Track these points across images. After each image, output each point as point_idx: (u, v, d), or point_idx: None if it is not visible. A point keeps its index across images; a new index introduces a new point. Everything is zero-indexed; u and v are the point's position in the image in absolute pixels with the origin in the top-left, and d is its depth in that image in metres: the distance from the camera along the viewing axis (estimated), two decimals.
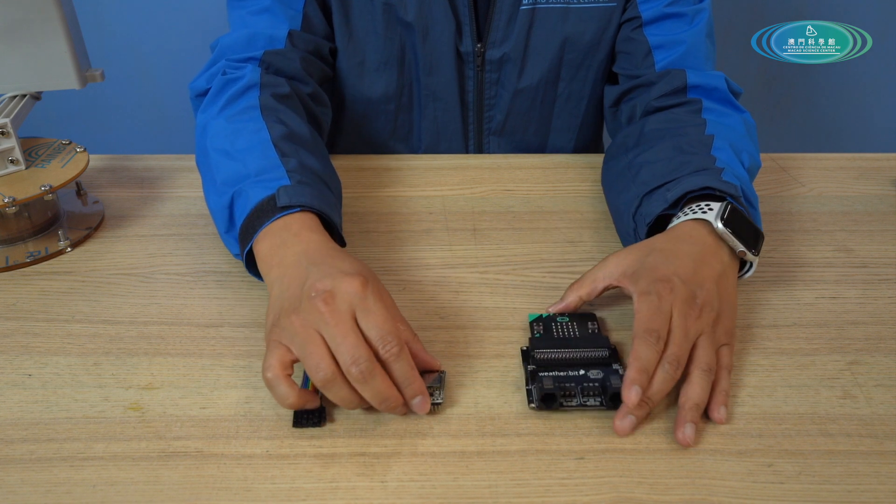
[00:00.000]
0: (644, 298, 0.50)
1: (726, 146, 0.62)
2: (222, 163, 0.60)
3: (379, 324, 0.46)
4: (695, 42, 0.72)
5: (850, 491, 0.43)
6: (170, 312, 0.57)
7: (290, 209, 0.53)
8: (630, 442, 0.46)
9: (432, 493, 0.43)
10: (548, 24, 0.75)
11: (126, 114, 1.51)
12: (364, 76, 0.79)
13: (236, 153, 0.59)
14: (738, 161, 0.62)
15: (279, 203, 0.53)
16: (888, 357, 0.53)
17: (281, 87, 0.67)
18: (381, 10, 0.75)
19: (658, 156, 0.63)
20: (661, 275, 0.51)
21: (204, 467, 0.44)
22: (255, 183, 0.56)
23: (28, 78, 0.67)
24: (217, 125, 0.63)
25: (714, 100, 0.70)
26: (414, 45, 0.77)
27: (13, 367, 0.51)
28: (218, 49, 0.72)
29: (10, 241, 0.64)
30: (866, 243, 0.66)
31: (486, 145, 0.84)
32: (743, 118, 0.69)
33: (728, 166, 0.60)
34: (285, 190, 0.54)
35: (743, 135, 0.67)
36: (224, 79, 0.67)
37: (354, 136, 0.85)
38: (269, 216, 0.53)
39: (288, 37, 0.72)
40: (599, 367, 0.50)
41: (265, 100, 0.65)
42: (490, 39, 0.76)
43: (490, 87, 0.79)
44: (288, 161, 0.58)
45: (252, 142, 0.60)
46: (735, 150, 0.63)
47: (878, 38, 0.87)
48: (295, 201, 0.54)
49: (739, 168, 0.61)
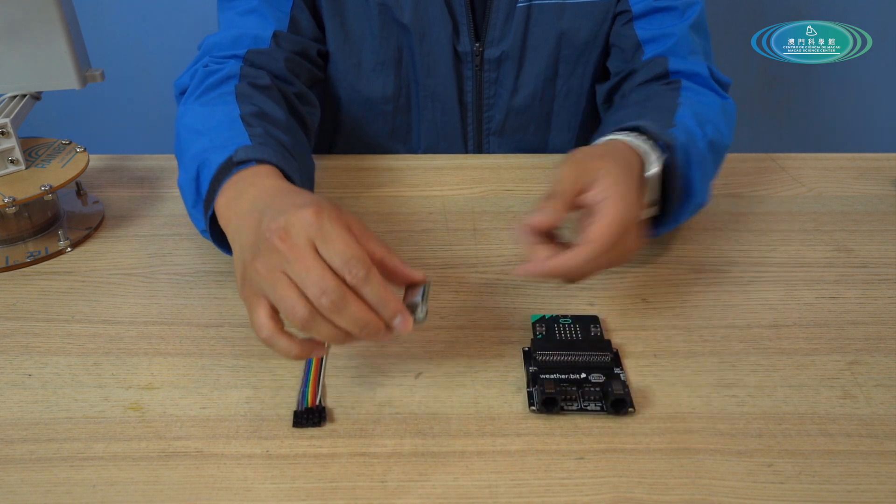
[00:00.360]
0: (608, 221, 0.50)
1: (690, 114, 0.62)
2: (191, 140, 0.59)
3: (339, 249, 0.42)
4: (683, 35, 0.73)
5: (850, 491, 0.43)
6: (170, 312, 0.57)
7: (247, 163, 0.52)
8: (630, 442, 0.46)
9: (432, 493, 0.43)
10: (544, 20, 0.75)
11: (126, 114, 1.51)
12: (361, 77, 0.79)
13: (206, 130, 0.59)
14: (699, 129, 0.61)
15: (235, 159, 0.52)
16: (888, 357, 0.53)
17: (261, 78, 0.67)
18: (377, 11, 0.75)
19: (620, 112, 0.67)
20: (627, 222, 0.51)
21: (204, 467, 0.44)
22: (218, 149, 0.55)
23: (28, 78, 0.67)
24: (192, 109, 0.63)
25: (694, 82, 0.71)
26: (411, 46, 0.77)
27: (13, 367, 0.51)
28: (203, 47, 0.73)
29: (10, 241, 0.64)
30: (866, 243, 0.66)
31: (486, 145, 0.84)
32: (722, 102, 0.70)
33: (684, 126, 0.60)
34: (244, 149, 0.53)
35: (716, 112, 0.67)
36: (205, 71, 0.67)
37: (353, 137, 0.85)
38: (228, 172, 0.52)
39: (273, 37, 0.72)
40: (601, 372, 0.50)
41: (241, 87, 0.64)
42: (488, 38, 0.76)
43: (489, 86, 0.79)
44: (253, 129, 0.57)
45: (222, 119, 0.59)
46: (699, 119, 0.62)
47: (878, 38, 0.87)
48: (252, 156, 0.52)
49: (696, 134, 0.61)
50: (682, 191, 0.57)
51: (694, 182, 0.59)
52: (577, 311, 0.57)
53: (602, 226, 0.49)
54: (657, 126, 0.57)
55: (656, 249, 0.65)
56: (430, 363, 0.52)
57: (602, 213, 0.50)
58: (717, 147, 0.64)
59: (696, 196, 0.59)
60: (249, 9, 0.73)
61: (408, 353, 0.53)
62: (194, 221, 0.59)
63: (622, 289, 0.60)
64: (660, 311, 0.57)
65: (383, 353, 0.53)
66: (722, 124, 0.66)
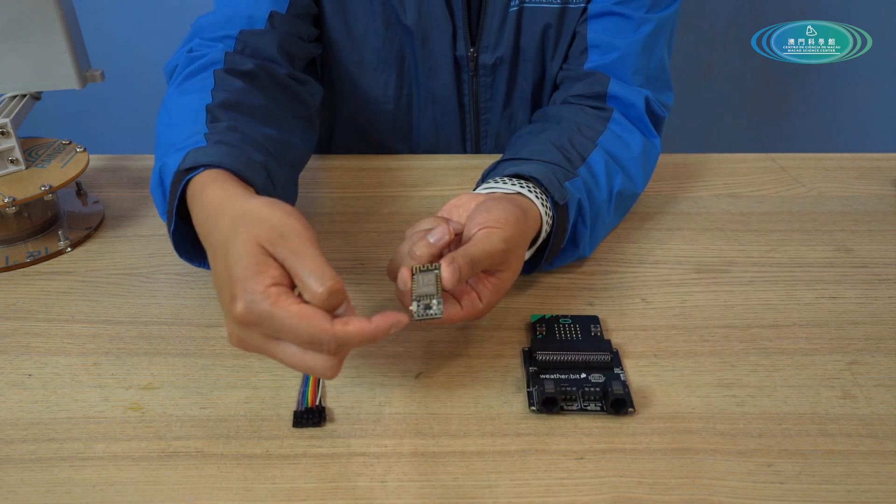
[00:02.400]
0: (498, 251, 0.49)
1: (602, 161, 0.62)
2: (162, 133, 0.57)
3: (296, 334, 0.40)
4: (629, 52, 0.70)
5: (850, 491, 0.43)
6: (170, 312, 0.57)
7: (196, 169, 0.49)
8: (630, 442, 0.46)
9: (432, 493, 0.43)
10: (534, 24, 0.75)
11: (126, 114, 1.51)
12: (363, 75, 0.79)
13: (173, 123, 0.56)
14: (605, 180, 0.62)
15: (183, 166, 0.49)
16: (888, 357, 0.53)
17: (243, 64, 0.64)
18: (380, 11, 0.75)
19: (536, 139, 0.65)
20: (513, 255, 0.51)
21: (204, 467, 0.44)
22: (175, 151, 0.52)
23: (28, 78, 0.67)
24: (169, 97, 0.61)
25: (627, 116, 0.69)
26: (413, 48, 0.77)
27: (13, 367, 0.51)
28: (194, 27, 0.70)
29: (10, 241, 0.64)
30: (866, 243, 0.66)
31: (484, 145, 0.84)
32: (646, 142, 0.68)
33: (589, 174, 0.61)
34: (194, 152, 0.50)
35: (634, 157, 0.66)
36: (189, 56, 0.65)
37: (352, 134, 0.85)
38: (178, 185, 0.49)
39: (269, 18, 0.69)
40: (601, 371, 0.50)
41: (220, 74, 0.62)
42: (483, 44, 0.76)
43: (485, 90, 0.80)
44: (215, 125, 0.54)
45: (189, 110, 0.56)
46: (610, 168, 0.63)
47: (878, 38, 0.87)
48: (200, 160, 0.49)
49: (600, 185, 0.61)
50: (569, 242, 0.58)
51: (580, 236, 0.59)
52: (577, 311, 0.57)
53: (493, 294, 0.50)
54: (557, 183, 0.56)
55: (656, 249, 0.65)
56: (430, 363, 0.52)
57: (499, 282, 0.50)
58: (624, 196, 0.64)
59: (580, 248, 0.60)
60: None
61: (408, 353, 0.53)
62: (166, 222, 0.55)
63: (622, 289, 0.60)
64: (660, 311, 0.57)
65: (383, 353, 0.53)
66: (637, 171, 0.66)
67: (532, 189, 0.55)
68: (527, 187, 0.55)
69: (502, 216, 0.50)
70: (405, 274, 0.47)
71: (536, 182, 0.56)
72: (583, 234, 0.59)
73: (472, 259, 0.47)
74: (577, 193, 0.58)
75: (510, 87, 0.79)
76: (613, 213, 0.64)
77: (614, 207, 0.63)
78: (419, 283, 0.46)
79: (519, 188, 0.55)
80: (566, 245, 0.59)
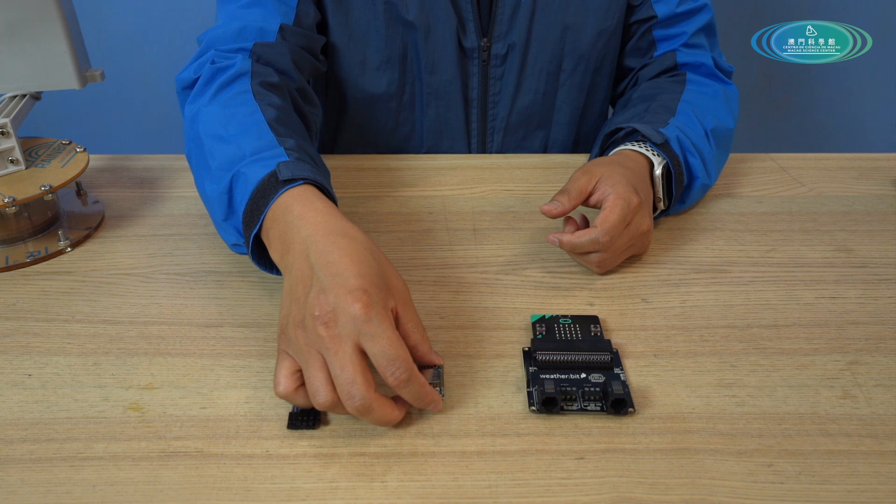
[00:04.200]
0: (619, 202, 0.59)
1: (689, 109, 0.71)
2: (217, 148, 0.58)
3: (385, 349, 0.43)
4: (690, 32, 0.79)
5: (850, 491, 0.43)
6: (170, 312, 0.57)
7: (294, 182, 0.51)
8: (630, 442, 0.46)
9: (432, 493, 0.43)
10: (549, 13, 0.76)
11: (126, 114, 1.51)
12: (365, 74, 0.79)
13: (231, 137, 0.57)
14: (697, 121, 0.70)
15: (281, 177, 0.52)
16: (888, 357, 0.53)
17: (270, 76, 0.66)
18: (383, 10, 0.75)
19: (626, 112, 0.75)
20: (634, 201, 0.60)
21: (204, 467, 0.44)
22: (253, 162, 0.54)
23: (28, 78, 0.67)
24: (209, 111, 0.61)
25: (699, 73, 0.78)
26: (416, 43, 0.77)
27: (13, 367, 0.51)
28: (206, 41, 0.71)
29: (10, 241, 0.64)
30: (866, 243, 0.66)
31: (490, 142, 0.84)
32: (724, 88, 0.77)
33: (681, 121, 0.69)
34: (286, 165, 0.53)
35: (717, 101, 0.75)
36: (214, 67, 0.66)
37: (356, 135, 0.85)
38: (274, 193, 0.51)
39: (279, 31, 0.71)
40: (601, 371, 0.50)
41: (256, 87, 0.63)
42: (495, 33, 0.76)
43: (494, 82, 0.80)
44: (285, 140, 0.56)
45: (246, 124, 0.58)
46: (697, 112, 0.71)
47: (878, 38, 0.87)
48: (297, 174, 0.52)
49: (693, 125, 0.70)
50: (685, 175, 0.67)
51: (693, 167, 0.67)
52: (577, 311, 0.57)
53: (608, 212, 0.58)
54: (651, 128, 0.67)
55: (656, 249, 0.65)
56: None
57: (607, 203, 0.59)
58: (719, 133, 0.72)
59: (699, 178, 0.68)
60: (253, 1, 0.71)
61: None
62: (223, 234, 0.58)
63: (622, 289, 0.60)
64: (660, 311, 0.57)
65: None
66: (722, 111, 0.74)
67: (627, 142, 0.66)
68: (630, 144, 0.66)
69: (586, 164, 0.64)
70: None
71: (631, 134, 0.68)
72: (695, 164, 0.68)
73: (562, 190, 0.61)
74: (674, 133, 0.67)
75: (520, 77, 0.80)
76: (716, 147, 0.71)
77: (714, 143, 0.70)
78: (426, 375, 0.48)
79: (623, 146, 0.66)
80: (687, 179, 0.67)
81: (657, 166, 0.64)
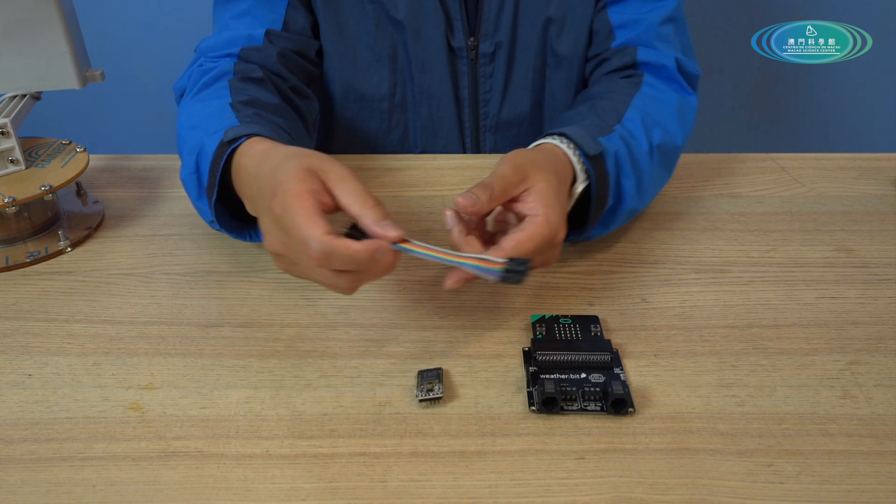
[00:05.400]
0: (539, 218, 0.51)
1: (638, 117, 0.64)
2: (187, 135, 0.61)
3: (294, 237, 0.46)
4: (654, 22, 0.73)
5: (850, 491, 0.43)
6: (170, 312, 0.57)
7: (238, 140, 0.54)
8: (630, 442, 0.46)
9: (432, 493, 0.43)
10: (532, 9, 0.75)
11: (126, 114, 1.51)
12: (356, 74, 0.80)
13: (198, 123, 0.61)
14: (643, 134, 0.63)
15: (226, 139, 0.55)
16: (888, 357, 0.53)
17: (253, 72, 0.68)
18: (371, 8, 0.75)
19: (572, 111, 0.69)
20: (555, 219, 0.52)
21: (204, 467, 0.44)
22: (210, 136, 0.57)
23: (28, 78, 0.67)
24: (187, 107, 0.66)
25: (658, 76, 0.71)
26: (405, 42, 0.77)
27: (13, 367, 0.51)
28: (198, 51, 0.74)
29: (10, 241, 0.64)
30: (866, 243, 0.66)
31: (483, 141, 0.84)
32: (681, 99, 0.70)
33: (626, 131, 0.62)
34: (233, 128, 0.55)
35: (670, 112, 0.68)
36: (200, 70, 0.69)
37: (349, 135, 0.85)
38: (221, 156, 0.54)
39: (265, 35, 0.73)
40: (601, 371, 0.50)
41: (234, 81, 0.66)
42: (482, 32, 0.76)
43: (484, 80, 0.80)
44: (242, 112, 0.59)
45: (213, 111, 0.61)
46: (647, 123, 0.64)
47: (878, 38, 0.87)
48: (241, 132, 0.55)
49: (638, 139, 0.62)
50: (615, 196, 0.59)
51: (624, 190, 0.60)
52: (577, 311, 0.57)
53: (526, 238, 0.50)
54: (589, 136, 0.58)
55: (656, 249, 0.65)
56: (431, 363, 0.52)
57: (530, 228, 0.50)
58: (665, 149, 0.65)
59: (627, 203, 0.60)
60: (243, 11, 0.74)
61: (408, 353, 0.53)
62: (201, 214, 0.60)
63: (622, 289, 0.60)
64: (660, 311, 0.57)
65: (383, 352, 0.53)
66: (674, 124, 0.67)
67: (563, 141, 0.58)
68: (558, 139, 0.58)
69: (511, 153, 0.54)
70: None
71: (568, 137, 0.58)
72: (627, 187, 0.60)
73: (483, 184, 0.51)
74: (613, 146, 0.59)
75: (508, 75, 0.79)
76: (658, 166, 0.65)
77: (657, 161, 0.64)
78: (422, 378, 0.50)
79: (550, 140, 0.58)
80: (614, 201, 0.60)
81: (579, 183, 0.57)
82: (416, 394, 0.48)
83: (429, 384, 0.48)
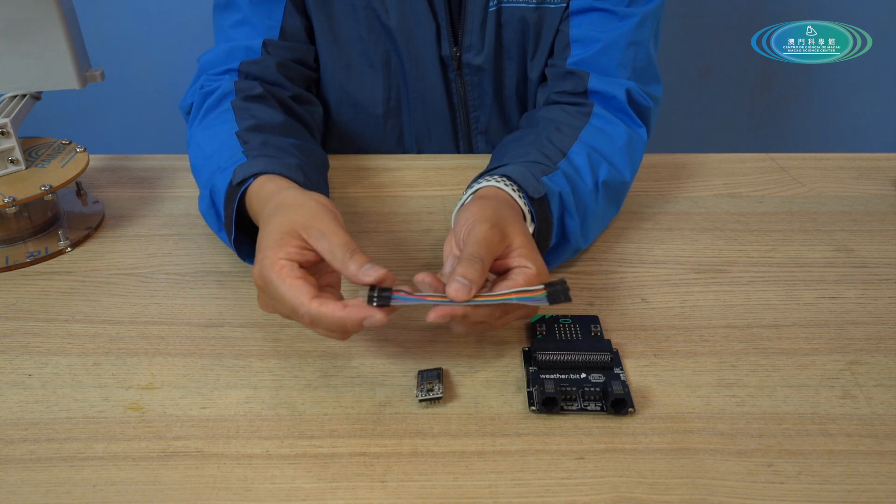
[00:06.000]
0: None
1: (584, 154, 0.63)
2: (201, 166, 0.63)
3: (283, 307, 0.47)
4: (612, 44, 0.70)
5: (850, 491, 0.43)
6: (170, 312, 0.57)
7: (246, 182, 0.55)
8: (630, 442, 0.46)
9: (432, 493, 0.43)
10: (513, 23, 0.75)
11: (126, 114, 1.51)
12: (351, 79, 0.79)
13: (210, 153, 0.62)
14: (588, 171, 0.61)
15: (235, 181, 0.56)
16: (888, 357, 0.53)
17: (253, 89, 0.68)
18: (363, 15, 0.75)
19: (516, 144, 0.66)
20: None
21: (204, 467, 0.44)
22: (221, 172, 0.58)
23: (28, 78, 0.67)
24: (195, 135, 0.66)
25: (608, 108, 0.69)
26: (398, 49, 0.77)
27: (13, 367, 0.51)
28: (200, 66, 0.74)
29: (10, 241, 0.64)
30: (866, 243, 0.66)
31: (476, 145, 0.84)
32: (630, 132, 0.68)
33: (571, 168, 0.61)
34: (240, 167, 0.56)
35: (618, 147, 0.66)
36: (202, 92, 0.69)
37: (344, 140, 0.85)
38: (233, 198, 0.55)
39: (263, 46, 0.72)
40: (601, 371, 0.50)
41: (237, 102, 0.67)
42: (465, 44, 0.76)
43: (472, 89, 0.79)
44: (248, 145, 0.60)
45: (222, 140, 0.62)
46: (593, 159, 0.63)
47: (878, 38, 0.87)
48: (247, 173, 0.55)
49: (584, 176, 0.61)
50: (557, 236, 0.58)
51: (569, 230, 0.59)
52: (577, 311, 0.57)
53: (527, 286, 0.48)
54: (532, 176, 0.57)
55: (656, 249, 0.65)
56: (431, 363, 0.52)
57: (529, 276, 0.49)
58: (611, 186, 0.63)
59: (573, 242, 0.59)
60: (240, 20, 0.73)
61: (408, 353, 0.53)
62: (226, 244, 0.60)
63: (622, 289, 0.60)
64: (660, 311, 0.57)
65: (383, 352, 0.53)
66: (622, 161, 0.65)
67: (508, 184, 0.56)
68: (502, 181, 0.57)
69: (475, 209, 0.52)
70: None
71: (511, 179, 0.57)
72: (572, 228, 0.59)
73: (471, 255, 0.47)
74: (558, 187, 0.58)
75: (497, 85, 0.79)
76: (604, 203, 0.63)
77: (603, 198, 0.62)
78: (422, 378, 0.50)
79: (494, 182, 0.57)
80: (557, 240, 0.58)
81: (528, 223, 0.56)
82: (416, 394, 0.49)
83: (429, 384, 0.48)
